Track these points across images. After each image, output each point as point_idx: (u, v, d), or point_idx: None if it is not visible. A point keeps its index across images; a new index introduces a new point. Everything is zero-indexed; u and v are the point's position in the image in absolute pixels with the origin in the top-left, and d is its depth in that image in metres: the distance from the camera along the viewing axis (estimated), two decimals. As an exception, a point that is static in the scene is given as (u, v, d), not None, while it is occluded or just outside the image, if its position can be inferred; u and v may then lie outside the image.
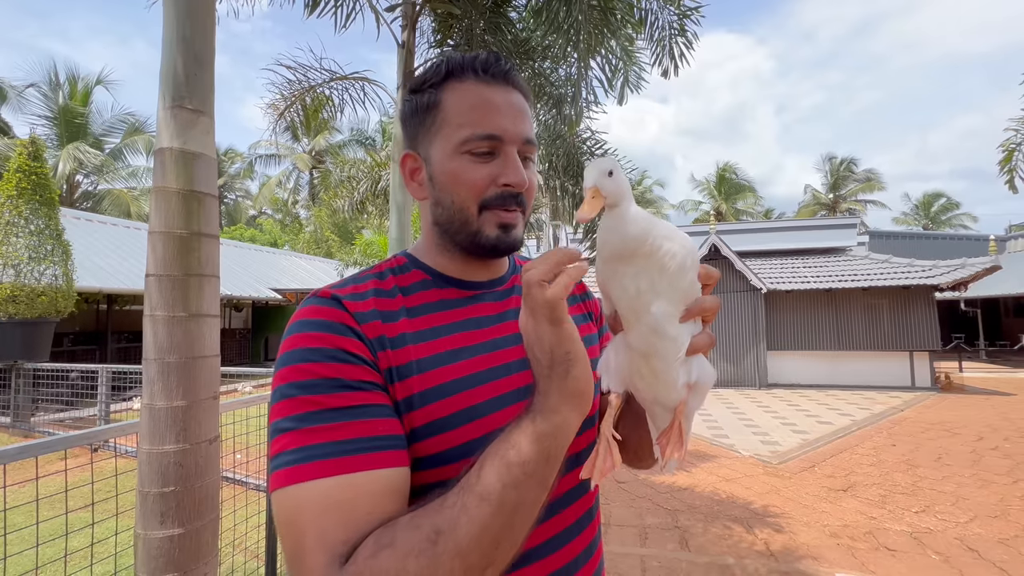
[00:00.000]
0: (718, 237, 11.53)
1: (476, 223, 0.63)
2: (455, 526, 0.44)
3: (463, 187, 0.62)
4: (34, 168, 7.75)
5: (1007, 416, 8.00)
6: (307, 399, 0.51)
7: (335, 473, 0.47)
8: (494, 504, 0.45)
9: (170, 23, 1.94)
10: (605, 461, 0.55)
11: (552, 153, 6.03)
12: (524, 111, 0.65)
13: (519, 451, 0.47)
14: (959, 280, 10.00)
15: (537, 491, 0.47)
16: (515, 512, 0.46)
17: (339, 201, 8.22)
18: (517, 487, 0.46)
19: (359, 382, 0.53)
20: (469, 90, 0.63)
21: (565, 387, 0.48)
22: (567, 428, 0.49)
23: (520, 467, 0.46)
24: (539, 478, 0.47)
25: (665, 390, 0.53)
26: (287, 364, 0.53)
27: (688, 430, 0.57)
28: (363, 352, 0.55)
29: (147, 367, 1.83)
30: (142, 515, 1.77)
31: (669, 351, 0.50)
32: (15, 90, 16.69)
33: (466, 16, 4.19)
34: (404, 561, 0.43)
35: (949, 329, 17.13)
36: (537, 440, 0.47)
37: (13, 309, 7.32)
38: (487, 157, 0.62)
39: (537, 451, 0.47)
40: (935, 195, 31.42)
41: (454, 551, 0.43)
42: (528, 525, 0.48)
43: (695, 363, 0.53)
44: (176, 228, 1.86)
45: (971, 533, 3.79)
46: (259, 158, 29.58)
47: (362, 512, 0.47)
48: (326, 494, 0.47)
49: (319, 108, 5.24)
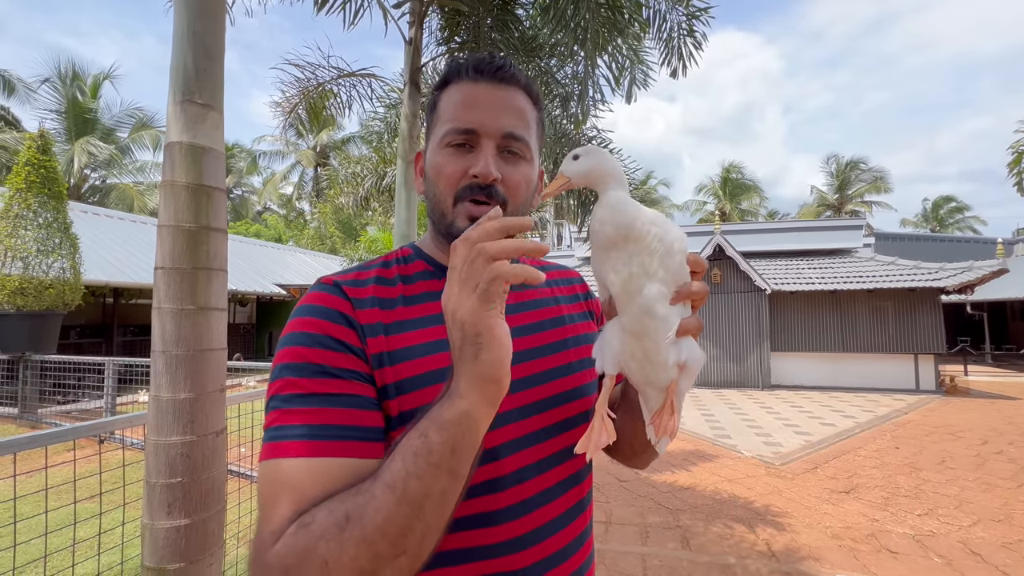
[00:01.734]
0: (722, 237, 11.48)
1: (451, 214, 0.64)
2: (362, 514, 0.44)
3: (441, 179, 0.64)
4: (43, 161, 7.80)
5: (1012, 420, 7.95)
6: (292, 381, 0.53)
7: (301, 455, 0.49)
8: (399, 493, 0.44)
9: (181, 18, 1.95)
10: (600, 435, 0.57)
11: (557, 151, 6.03)
12: (511, 106, 0.65)
13: (425, 440, 0.45)
14: (966, 283, 9.93)
15: (446, 480, 0.45)
16: (422, 502, 0.44)
17: (343, 198, 8.24)
18: (421, 477, 0.44)
19: (341, 370, 0.55)
20: (459, 89, 0.65)
21: (473, 370, 0.46)
22: (474, 416, 0.46)
23: (425, 457, 0.44)
24: (446, 468, 0.45)
25: (655, 370, 0.55)
26: (284, 346, 0.56)
27: (679, 410, 0.60)
28: (351, 340, 0.57)
29: (155, 359, 1.85)
30: (149, 505, 1.79)
31: (660, 331, 0.53)
32: (25, 84, 16.77)
33: (474, 13, 4.19)
34: (316, 543, 0.43)
35: (955, 332, 17.04)
36: (442, 428, 0.45)
37: (21, 301, 7.39)
38: (465, 150, 0.64)
39: (442, 440, 0.45)
40: (945, 199, 31.18)
41: (360, 538, 0.43)
42: (443, 514, 0.46)
43: (684, 345, 0.55)
44: (185, 222, 1.88)
45: (974, 537, 3.78)
46: (263, 154, 29.70)
47: (310, 495, 0.48)
48: (290, 473, 0.49)
49: (326, 104, 5.25)
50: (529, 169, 0.67)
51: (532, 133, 0.67)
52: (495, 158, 0.63)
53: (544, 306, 0.74)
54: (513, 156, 0.65)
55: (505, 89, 0.65)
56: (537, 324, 0.71)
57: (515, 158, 0.65)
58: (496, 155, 0.63)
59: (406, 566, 0.45)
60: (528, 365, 0.66)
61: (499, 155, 0.64)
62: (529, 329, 0.69)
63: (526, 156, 0.66)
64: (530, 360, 0.67)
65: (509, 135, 0.64)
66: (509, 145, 0.64)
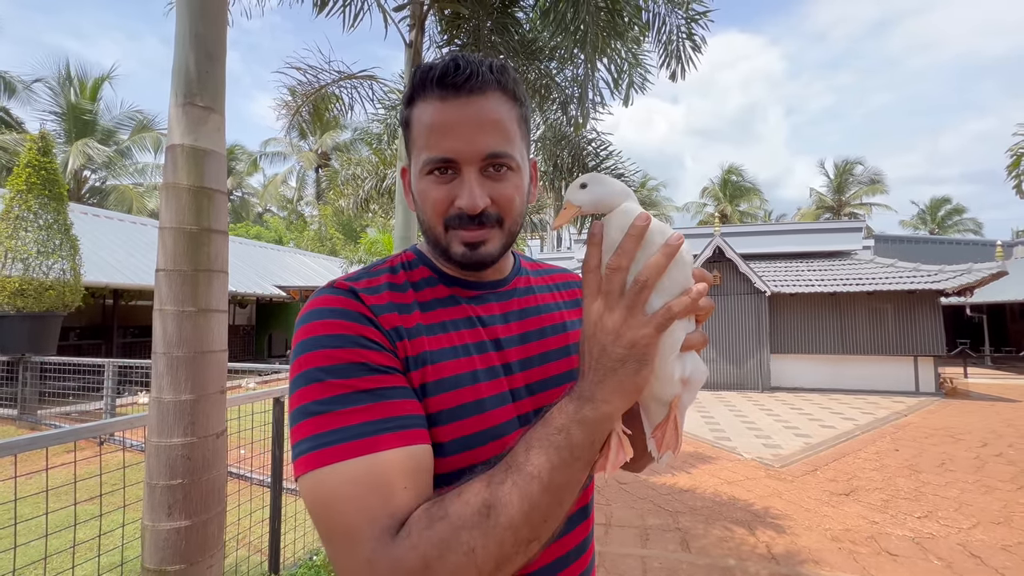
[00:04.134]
0: (722, 239, 11.49)
1: (444, 240, 0.64)
2: (508, 502, 0.47)
3: (428, 207, 0.63)
4: (43, 163, 7.81)
5: (1012, 422, 7.95)
6: (335, 383, 0.52)
7: (370, 452, 0.50)
8: (545, 483, 0.47)
9: (182, 20, 1.96)
10: (618, 454, 0.57)
11: (557, 154, 6.04)
12: (487, 121, 0.60)
13: (568, 436, 0.49)
14: (965, 285, 9.94)
15: (582, 472, 0.50)
16: (562, 491, 0.49)
17: (344, 200, 8.25)
18: (566, 468, 0.48)
19: (383, 367, 0.55)
20: (427, 109, 0.61)
21: (625, 382, 0.50)
22: (613, 418, 0.51)
23: (569, 451, 0.49)
24: (584, 461, 0.50)
25: (660, 384, 0.54)
26: (310, 350, 0.54)
27: (682, 423, 0.60)
28: (383, 340, 0.57)
29: (156, 361, 1.85)
30: (150, 507, 1.80)
31: (665, 345, 0.52)
32: (23, 83, 16.77)
33: (474, 16, 4.20)
34: (458, 532, 0.45)
35: (954, 334, 17.03)
36: (585, 427, 0.49)
37: (21, 303, 7.39)
38: (448, 177, 0.61)
39: (584, 436, 0.49)
40: (942, 200, 31.23)
41: (507, 524, 0.46)
42: (571, 503, 0.51)
43: (689, 359, 0.55)
44: (186, 224, 1.88)
45: (974, 539, 3.78)
46: (264, 155, 29.73)
47: (399, 487, 0.49)
48: (365, 472, 0.49)
49: (328, 107, 5.27)
50: (518, 179, 0.64)
51: (515, 139, 0.63)
52: (479, 184, 0.60)
53: (547, 312, 0.74)
54: (498, 172, 0.62)
55: (477, 101, 0.60)
56: (539, 331, 0.71)
57: (501, 174, 0.62)
58: (480, 179, 0.61)
59: (534, 551, 0.49)
60: (531, 372, 0.67)
61: (483, 175, 0.61)
62: (532, 336, 0.70)
63: (512, 166, 0.63)
64: (533, 368, 0.67)
65: (491, 155, 0.60)
66: (493, 163, 0.61)
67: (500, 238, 0.64)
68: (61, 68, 17.31)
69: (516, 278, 0.75)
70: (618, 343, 0.49)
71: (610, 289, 0.50)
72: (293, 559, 3.05)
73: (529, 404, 0.65)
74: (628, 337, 0.49)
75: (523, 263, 0.80)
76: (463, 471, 0.54)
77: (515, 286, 0.74)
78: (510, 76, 0.64)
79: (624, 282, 0.50)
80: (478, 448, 0.58)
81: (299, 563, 2.99)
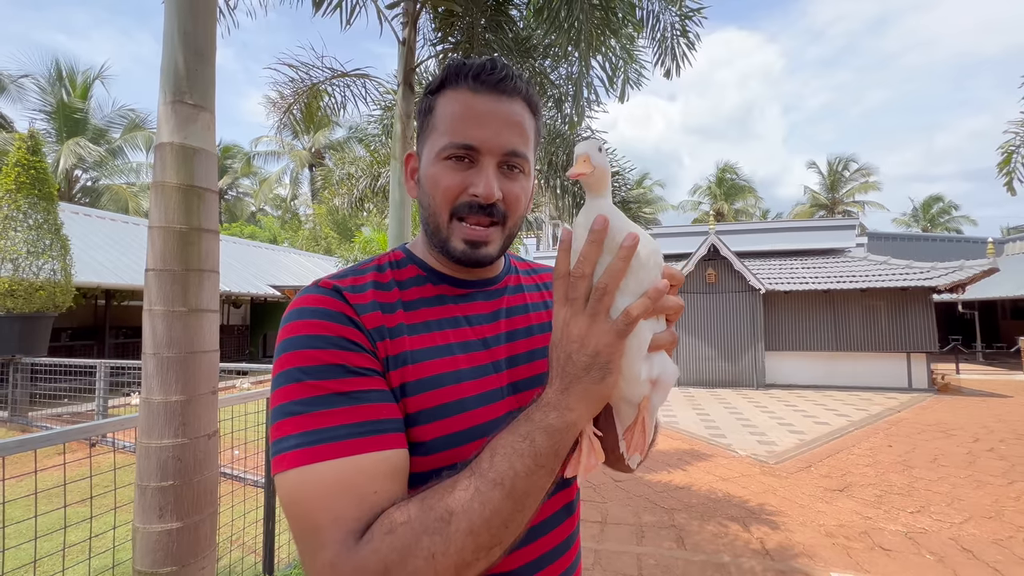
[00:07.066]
0: (717, 237, 11.53)
1: (446, 230, 0.64)
2: (468, 508, 0.47)
3: (438, 192, 0.63)
4: (33, 162, 7.73)
5: (1003, 418, 8.03)
6: (313, 384, 0.52)
7: (344, 455, 0.50)
8: (507, 489, 0.48)
9: (171, 18, 1.93)
10: (589, 458, 0.57)
11: (552, 152, 6.03)
12: (513, 121, 0.63)
13: (532, 443, 0.49)
14: (957, 282, 10.02)
15: (546, 479, 0.50)
16: (525, 498, 0.49)
17: (338, 199, 8.21)
18: (529, 476, 0.49)
19: (361, 368, 0.55)
20: (458, 98, 0.63)
21: (591, 390, 0.50)
22: (579, 426, 0.51)
23: (533, 459, 0.49)
24: (548, 468, 0.50)
25: (628, 385, 0.54)
26: (291, 349, 0.55)
27: (651, 425, 0.59)
28: (363, 341, 0.57)
29: (146, 362, 1.83)
30: (141, 509, 1.78)
31: (631, 347, 0.51)
32: (10, 79, 16.53)
33: (467, 14, 4.19)
34: (419, 538, 0.46)
35: (946, 331, 17.17)
36: (550, 434, 0.50)
37: (11, 303, 7.31)
38: (465, 164, 0.63)
39: (549, 444, 0.49)
40: (935, 198, 31.46)
41: (467, 530, 0.46)
42: (534, 509, 0.51)
43: (657, 359, 0.54)
44: (176, 223, 1.86)
45: (966, 534, 3.81)
46: (258, 155, 29.54)
47: (369, 491, 0.49)
48: (337, 475, 0.49)
49: (319, 105, 5.23)
50: (527, 183, 0.67)
51: (532, 146, 0.67)
52: (496, 176, 0.62)
53: (534, 310, 0.74)
54: (512, 171, 0.64)
55: (507, 102, 0.63)
56: (526, 329, 0.71)
57: (514, 173, 0.65)
58: (496, 172, 0.63)
59: (496, 556, 0.49)
60: (517, 371, 0.67)
61: (499, 171, 0.63)
62: (519, 334, 0.70)
63: (524, 170, 0.66)
64: (519, 366, 0.67)
65: (511, 152, 0.63)
66: (509, 161, 0.63)
67: (500, 239, 0.66)
68: (51, 66, 17.10)
69: (506, 276, 0.75)
70: (583, 351, 0.50)
71: (575, 296, 0.50)
72: (288, 559, 3.04)
73: (515, 402, 0.65)
74: (592, 345, 0.49)
75: (513, 262, 0.81)
76: (446, 470, 0.54)
77: (505, 284, 0.74)
78: (534, 91, 0.67)
79: (589, 288, 0.50)
80: (462, 446, 0.58)
81: (293, 563, 2.98)
